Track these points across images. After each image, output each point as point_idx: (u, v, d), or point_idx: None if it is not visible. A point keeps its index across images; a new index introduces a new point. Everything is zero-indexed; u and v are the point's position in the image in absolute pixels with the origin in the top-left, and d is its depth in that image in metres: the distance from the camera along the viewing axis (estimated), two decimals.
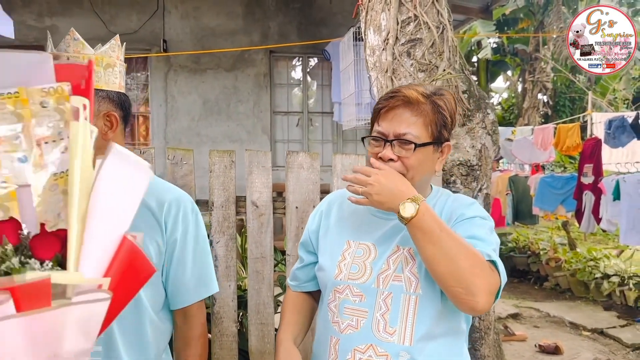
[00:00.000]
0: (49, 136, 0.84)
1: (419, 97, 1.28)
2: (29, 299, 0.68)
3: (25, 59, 0.83)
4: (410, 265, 1.28)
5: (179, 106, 6.42)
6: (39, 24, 6.14)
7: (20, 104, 0.83)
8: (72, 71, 0.88)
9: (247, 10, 6.52)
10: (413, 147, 1.26)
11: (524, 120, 14.99)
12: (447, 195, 1.42)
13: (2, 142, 0.82)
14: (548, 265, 6.70)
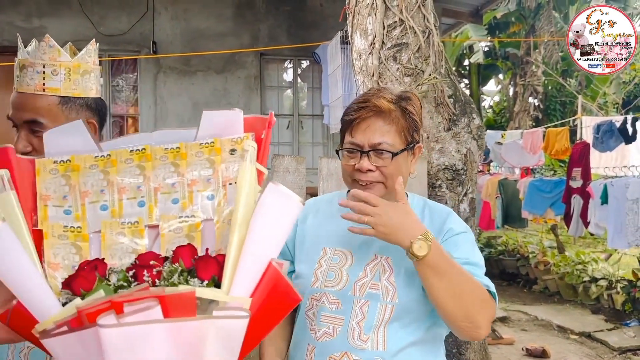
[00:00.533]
0: (233, 178, 0.97)
1: (389, 105, 1.27)
2: (176, 308, 0.77)
3: (224, 115, 0.99)
4: (387, 274, 1.28)
5: (169, 108, 6.40)
6: (27, 25, 6.10)
7: (214, 152, 0.97)
8: (256, 122, 1.01)
9: (238, 13, 6.51)
10: (391, 156, 1.25)
11: (514, 124, 15.06)
12: (421, 202, 1.42)
13: (196, 182, 0.97)
14: (537, 268, 6.73)
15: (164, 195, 0.96)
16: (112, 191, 0.96)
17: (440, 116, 2.79)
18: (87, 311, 0.74)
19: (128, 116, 6.62)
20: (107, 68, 6.36)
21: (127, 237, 0.94)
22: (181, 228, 0.95)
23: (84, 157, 0.96)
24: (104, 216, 0.94)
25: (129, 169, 0.97)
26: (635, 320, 5.19)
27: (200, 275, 0.85)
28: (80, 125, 0.97)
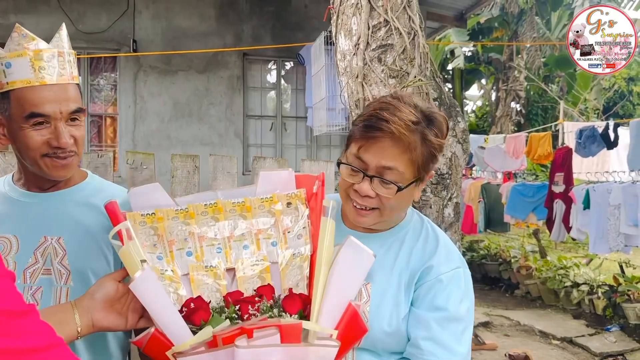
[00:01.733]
0: (289, 227, 1.18)
1: (403, 131, 1.11)
2: (287, 336, 0.99)
3: (279, 174, 1.22)
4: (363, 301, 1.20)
5: (148, 108, 6.27)
6: (4, 21, 5.93)
7: (274, 205, 1.18)
8: (306, 179, 1.22)
9: (220, 12, 6.41)
10: (396, 189, 1.13)
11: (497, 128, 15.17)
12: (419, 223, 1.29)
13: (262, 232, 1.17)
14: (519, 273, 6.73)
15: (236, 243, 1.16)
16: (193, 239, 1.15)
17: None
18: (222, 335, 0.99)
19: (106, 115, 6.48)
20: (86, 66, 6.22)
21: (211, 279, 1.14)
22: (254, 271, 1.15)
23: (166, 210, 1.16)
24: (191, 261, 1.14)
25: (204, 220, 1.16)
26: (616, 326, 5.20)
27: (288, 310, 1.06)
28: (159, 187, 1.20)
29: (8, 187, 1.32)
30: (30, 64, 1.19)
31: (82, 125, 1.28)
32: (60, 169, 1.25)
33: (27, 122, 1.20)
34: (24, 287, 1.24)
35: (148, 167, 2.53)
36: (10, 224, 1.27)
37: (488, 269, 7.44)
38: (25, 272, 1.25)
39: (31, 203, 1.29)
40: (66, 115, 1.22)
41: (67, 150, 1.23)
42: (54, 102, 1.20)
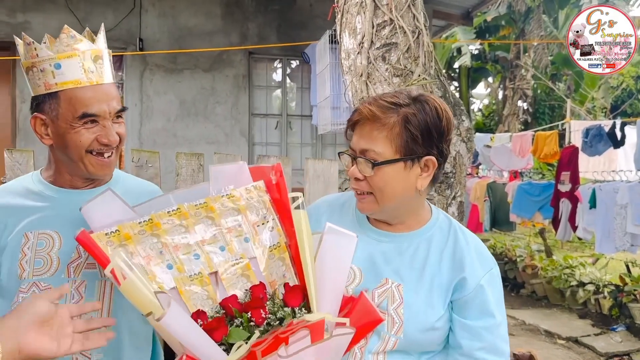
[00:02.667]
0: (257, 221, 1.17)
1: (375, 111, 1.16)
2: (315, 334, 1.03)
3: (233, 168, 1.18)
4: (396, 303, 1.20)
5: (155, 106, 6.29)
6: (11, 20, 5.97)
7: (237, 201, 1.16)
8: (262, 171, 1.21)
9: (226, 11, 6.43)
10: (371, 166, 1.15)
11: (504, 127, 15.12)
12: (446, 223, 1.29)
13: (232, 230, 1.15)
14: (524, 272, 6.71)
15: (210, 246, 1.14)
16: (168, 251, 1.12)
17: None
18: (260, 348, 1.01)
19: None
20: None
21: (198, 287, 1.12)
22: (236, 270, 1.15)
23: (130, 224, 1.10)
24: (173, 273, 1.11)
25: (173, 228, 1.12)
26: (622, 326, 5.18)
27: (291, 304, 1.09)
28: (110, 196, 1.13)
29: (41, 185, 1.35)
30: (80, 64, 1.23)
31: (124, 123, 1.32)
32: (106, 167, 1.30)
33: (78, 122, 1.24)
34: (69, 281, 1.28)
35: (153, 165, 2.55)
36: (50, 221, 1.30)
37: None
38: (69, 267, 1.29)
39: (69, 200, 1.31)
40: (113, 114, 1.26)
41: (113, 147, 1.28)
42: (103, 102, 1.24)
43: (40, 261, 1.28)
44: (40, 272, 1.28)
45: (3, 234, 1.30)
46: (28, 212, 1.31)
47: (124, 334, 1.32)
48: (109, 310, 1.31)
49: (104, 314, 1.30)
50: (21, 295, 1.26)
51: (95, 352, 1.29)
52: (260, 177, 1.20)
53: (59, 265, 1.28)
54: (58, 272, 1.29)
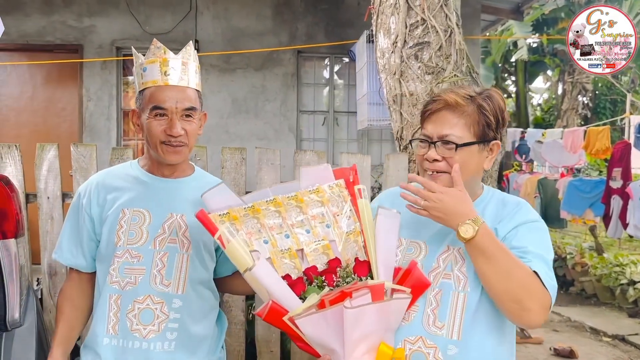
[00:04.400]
0: (338, 211, 1.45)
1: (458, 99, 1.36)
2: (375, 295, 1.26)
3: (319, 169, 1.49)
4: (459, 264, 1.37)
5: (209, 104, 6.60)
6: (78, 24, 6.43)
7: (322, 195, 1.45)
8: (342, 171, 1.50)
9: (276, 12, 6.66)
10: (454, 147, 1.33)
11: (562, 122, 14.69)
12: (496, 194, 1.49)
13: (316, 217, 1.44)
14: (574, 269, 6.61)
15: (299, 229, 1.43)
16: (265, 230, 1.41)
17: None
18: (329, 298, 1.26)
19: None
20: None
21: (287, 259, 1.40)
22: (318, 249, 1.41)
23: (237, 209, 1.41)
24: (268, 247, 1.40)
25: (269, 213, 1.43)
26: None
27: (359, 275, 1.35)
28: (224, 188, 1.45)
29: (138, 172, 1.68)
30: (159, 68, 1.56)
31: (194, 122, 1.60)
32: (172, 154, 1.58)
33: (151, 113, 1.55)
34: (154, 252, 1.58)
35: (201, 158, 2.78)
36: (143, 201, 1.61)
37: None
38: (156, 240, 1.59)
39: (159, 186, 1.64)
40: (180, 111, 1.55)
41: (178, 139, 1.55)
42: (172, 99, 1.54)
43: (134, 233, 1.59)
44: (133, 241, 1.58)
45: (104, 208, 1.62)
46: (125, 192, 1.63)
47: (194, 300, 1.61)
48: (185, 279, 1.59)
49: (180, 280, 1.59)
50: (116, 260, 1.58)
51: (173, 311, 1.57)
52: (341, 176, 1.49)
53: (148, 238, 1.59)
54: (147, 243, 1.59)
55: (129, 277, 1.58)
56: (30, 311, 1.95)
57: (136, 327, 1.56)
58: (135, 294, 1.57)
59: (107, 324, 1.58)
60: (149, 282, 1.58)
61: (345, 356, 1.26)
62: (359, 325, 1.24)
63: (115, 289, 1.58)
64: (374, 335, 1.29)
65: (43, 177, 2.68)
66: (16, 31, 6.37)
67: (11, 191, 1.94)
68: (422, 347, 1.34)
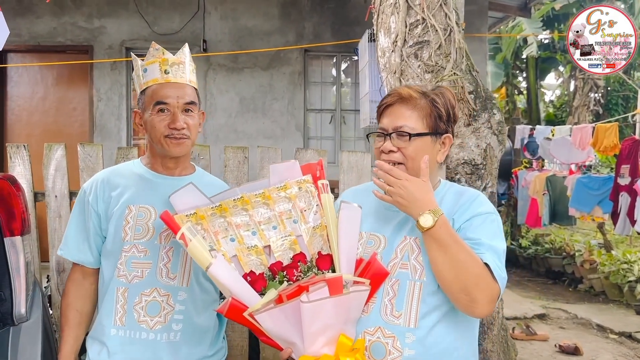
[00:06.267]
0: (305, 206, 1.47)
1: (411, 92, 1.43)
2: (333, 288, 1.28)
3: (286, 166, 1.51)
4: (415, 254, 1.42)
5: (217, 103, 6.68)
6: (88, 25, 6.52)
7: (289, 191, 1.48)
8: (310, 167, 1.52)
9: (283, 11, 6.70)
10: (408, 137, 1.40)
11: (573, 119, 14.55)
12: (453, 186, 1.54)
13: (284, 213, 1.47)
14: (582, 267, 6.59)
15: (266, 225, 1.46)
16: (232, 228, 1.45)
17: (460, 112, 2.86)
18: (286, 293, 1.30)
19: None
20: None
21: (254, 256, 1.43)
22: (285, 244, 1.45)
23: (204, 209, 1.45)
24: (235, 245, 1.43)
25: (237, 211, 1.46)
26: None
27: (321, 268, 1.38)
28: (192, 188, 1.50)
29: (141, 169, 1.76)
30: (159, 68, 1.66)
31: (194, 116, 1.69)
32: (176, 146, 1.66)
33: (153, 110, 1.64)
34: (159, 247, 1.66)
35: (204, 157, 2.83)
36: (148, 198, 1.69)
37: (552, 263, 7.31)
38: (161, 235, 1.66)
39: (162, 183, 1.71)
40: (182, 105, 1.64)
41: (181, 131, 1.63)
42: (173, 95, 1.64)
43: (140, 228, 1.66)
44: (139, 237, 1.65)
45: (109, 205, 1.69)
46: (129, 189, 1.70)
47: (197, 292, 1.67)
48: (190, 272, 1.67)
49: (185, 274, 1.66)
50: (124, 254, 1.65)
51: (178, 303, 1.64)
52: (309, 172, 1.51)
53: (154, 233, 1.65)
54: (152, 238, 1.66)
55: (136, 270, 1.65)
56: (36, 306, 2.01)
57: (143, 319, 1.62)
58: (142, 287, 1.64)
59: (114, 315, 1.64)
60: (155, 276, 1.64)
61: (305, 349, 1.30)
62: (317, 318, 1.27)
63: (123, 282, 1.65)
64: (333, 328, 1.32)
65: (51, 176, 2.74)
66: (27, 33, 6.48)
67: (17, 190, 2.00)
68: (381, 338, 1.38)
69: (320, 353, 1.31)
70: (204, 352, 1.70)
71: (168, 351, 1.62)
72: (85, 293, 1.75)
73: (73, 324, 1.72)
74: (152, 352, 1.62)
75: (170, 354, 1.63)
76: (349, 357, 1.29)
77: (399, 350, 1.37)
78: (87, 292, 1.75)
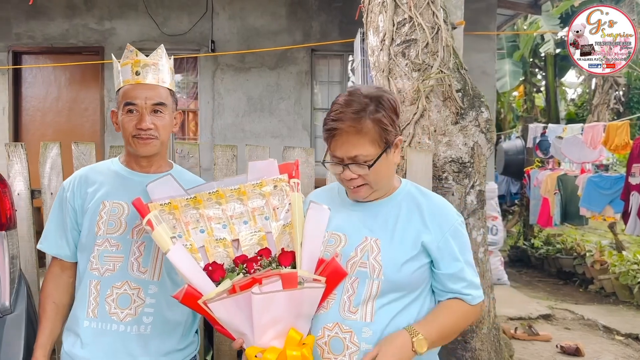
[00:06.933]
0: (278, 204, 1.52)
1: (351, 124, 1.37)
2: (287, 282, 1.33)
3: (264, 164, 1.55)
4: (374, 253, 1.44)
5: (225, 103, 6.75)
6: (99, 27, 6.66)
7: (264, 188, 1.52)
8: (287, 167, 1.56)
9: (291, 11, 6.74)
10: (367, 167, 1.40)
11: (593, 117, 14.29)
12: (413, 189, 1.56)
13: (256, 210, 1.51)
14: (593, 267, 6.49)
15: (237, 220, 1.50)
16: (203, 220, 1.49)
17: (447, 110, 2.86)
18: (239, 284, 1.34)
19: (189, 111, 7.05)
20: None
21: (221, 248, 1.47)
22: (254, 239, 1.49)
23: (179, 199, 1.50)
24: (204, 236, 1.48)
25: (210, 204, 1.50)
26: None
27: (283, 264, 1.41)
28: (170, 179, 1.55)
29: (118, 167, 1.82)
30: (131, 69, 1.69)
31: (164, 117, 1.72)
32: (142, 146, 1.70)
33: (124, 110, 1.69)
34: (132, 241, 1.70)
35: (194, 155, 2.88)
36: (122, 194, 1.73)
37: (562, 263, 7.21)
38: (133, 230, 1.70)
39: (136, 180, 1.76)
40: (149, 106, 1.68)
41: (147, 132, 1.67)
42: (142, 96, 1.67)
43: (113, 223, 1.70)
44: (112, 231, 1.70)
45: (85, 200, 1.74)
46: (105, 185, 1.75)
47: (169, 287, 1.69)
48: (161, 267, 1.70)
49: (156, 268, 1.70)
50: (96, 248, 1.70)
51: (149, 296, 1.68)
52: (285, 171, 1.55)
53: (126, 228, 1.69)
54: (125, 232, 1.70)
55: (108, 264, 1.69)
56: (21, 299, 2.07)
57: (114, 311, 1.66)
58: (113, 280, 1.68)
59: (87, 307, 1.69)
60: (126, 269, 1.68)
61: (255, 340, 1.34)
62: (267, 310, 1.30)
63: (95, 275, 1.69)
64: (284, 322, 1.35)
65: (47, 174, 2.82)
66: (41, 35, 6.64)
67: (3, 187, 2.08)
68: (338, 333, 1.40)
69: (269, 345, 1.34)
70: (174, 346, 1.73)
71: (138, 343, 1.66)
72: (63, 286, 1.80)
73: (50, 316, 1.77)
74: (121, 344, 1.66)
75: (140, 346, 1.67)
76: (295, 351, 1.31)
77: (356, 344, 1.39)
78: (64, 285, 1.80)
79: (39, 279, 2.91)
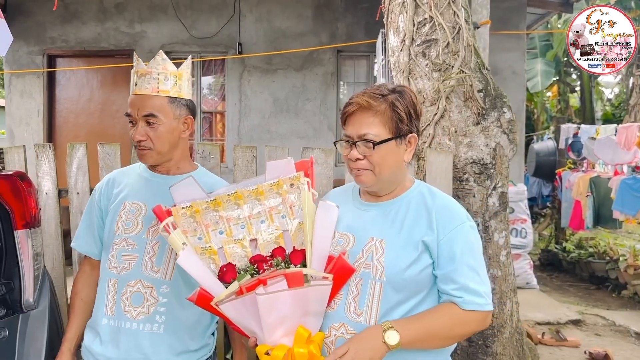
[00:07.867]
0: (294, 202, 1.54)
1: (369, 100, 1.43)
2: (292, 281, 1.35)
3: (282, 163, 1.56)
4: (378, 254, 1.45)
5: (252, 104, 6.81)
6: (130, 30, 6.80)
7: (280, 187, 1.54)
8: (304, 164, 1.57)
9: (317, 12, 6.76)
10: (372, 146, 1.42)
11: (630, 118, 13.88)
12: (426, 192, 1.54)
13: (273, 209, 1.53)
14: (626, 272, 6.30)
15: (255, 220, 1.53)
16: (222, 221, 1.52)
17: (468, 110, 2.83)
18: (245, 286, 1.36)
19: (216, 112, 7.14)
20: (199, 68, 6.91)
21: (239, 248, 1.50)
22: (271, 238, 1.51)
23: (199, 202, 1.53)
24: (223, 237, 1.51)
25: (229, 205, 1.53)
26: None
27: (294, 262, 1.44)
28: (192, 181, 1.58)
29: (142, 169, 1.87)
30: (134, 79, 1.71)
31: (157, 127, 1.71)
32: (142, 156, 1.74)
33: (128, 119, 1.73)
34: (147, 241, 1.74)
35: (215, 156, 2.92)
36: (141, 194, 1.79)
37: (595, 268, 7.02)
38: (149, 230, 1.74)
39: (157, 181, 1.80)
40: (141, 117, 1.69)
41: (141, 143, 1.69)
42: (135, 107, 1.69)
43: (130, 223, 1.75)
44: (129, 230, 1.75)
45: (110, 201, 1.81)
46: (128, 187, 1.82)
47: (181, 287, 1.72)
48: (173, 267, 1.72)
49: (169, 268, 1.72)
50: (114, 247, 1.75)
51: (161, 296, 1.71)
52: (301, 169, 1.56)
53: (142, 227, 1.74)
54: (141, 232, 1.74)
55: (124, 262, 1.74)
56: (44, 295, 2.14)
57: (128, 309, 1.70)
58: (128, 278, 1.72)
59: (105, 305, 1.74)
60: (140, 268, 1.72)
61: (265, 338, 1.36)
62: (272, 310, 1.32)
63: (113, 274, 1.74)
64: (291, 319, 1.36)
65: (73, 174, 2.90)
66: (74, 38, 6.83)
67: (28, 186, 2.15)
68: (344, 334, 1.42)
69: (278, 343, 1.36)
70: (187, 346, 1.75)
71: (150, 341, 1.69)
72: (92, 283, 1.86)
73: (78, 312, 1.85)
74: (134, 342, 1.69)
75: (152, 344, 1.70)
76: (302, 348, 1.32)
77: None
78: (93, 282, 1.85)
79: (66, 276, 2.99)
